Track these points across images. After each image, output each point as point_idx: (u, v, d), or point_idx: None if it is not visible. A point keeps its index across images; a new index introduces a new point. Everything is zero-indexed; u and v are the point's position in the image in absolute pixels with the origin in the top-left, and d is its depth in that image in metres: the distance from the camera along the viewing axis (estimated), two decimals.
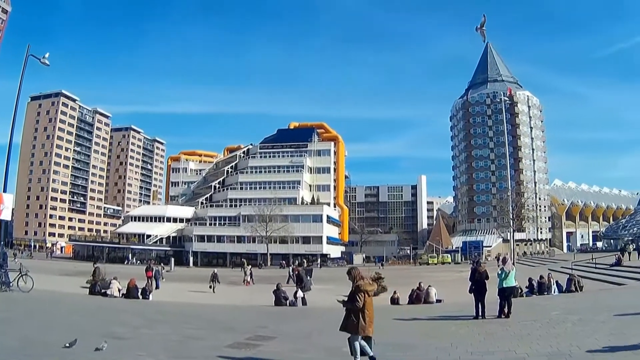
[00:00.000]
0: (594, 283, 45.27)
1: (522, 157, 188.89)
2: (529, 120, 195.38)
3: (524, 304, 29.53)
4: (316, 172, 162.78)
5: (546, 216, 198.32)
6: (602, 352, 14.55)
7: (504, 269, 23.71)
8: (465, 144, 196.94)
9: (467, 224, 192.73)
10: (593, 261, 64.71)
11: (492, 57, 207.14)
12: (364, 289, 14.47)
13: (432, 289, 36.37)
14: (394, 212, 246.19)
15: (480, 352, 15.65)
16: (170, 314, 28.41)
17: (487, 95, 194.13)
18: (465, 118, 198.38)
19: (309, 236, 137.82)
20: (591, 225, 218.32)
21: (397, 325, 24.28)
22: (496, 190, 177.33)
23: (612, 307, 26.13)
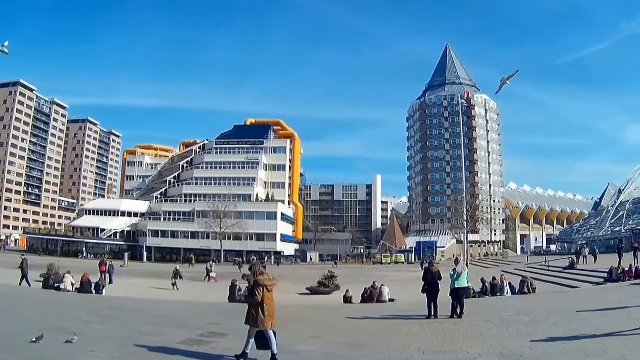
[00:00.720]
0: (547, 285, 45.96)
1: (478, 160, 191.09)
2: (485, 123, 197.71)
3: (476, 305, 29.72)
4: (271, 169, 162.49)
5: (500, 218, 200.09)
6: (554, 353, 14.74)
7: (455, 269, 23.94)
8: (421, 145, 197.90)
9: (421, 224, 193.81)
10: (546, 264, 65.46)
11: (451, 60, 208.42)
12: (262, 284, 14.50)
13: (384, 288, 36.45)
14: (348, 211, 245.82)
15: (433, 352, 15.64)
16: (123, 310, 27.91)
17: (444, 97, 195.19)
18: (421, 119, 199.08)
19: (263, 233, 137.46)
20: (545, 228, 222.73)
21: (349, 323, 24.31)
22: (451, 192, 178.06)
23: (564, 309, 26.66)
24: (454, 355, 15.03)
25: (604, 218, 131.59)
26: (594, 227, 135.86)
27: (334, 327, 23.02)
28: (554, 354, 14.64)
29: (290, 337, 18.76)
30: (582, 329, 18.97)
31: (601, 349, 14.93)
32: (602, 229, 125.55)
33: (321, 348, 16.85)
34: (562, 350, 15.12)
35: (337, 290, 44.94)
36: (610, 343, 15.67)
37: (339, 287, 45.52)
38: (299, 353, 15.93)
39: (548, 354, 14.69)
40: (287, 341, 17.42)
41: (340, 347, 16.87)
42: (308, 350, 16.45)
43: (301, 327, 22.93)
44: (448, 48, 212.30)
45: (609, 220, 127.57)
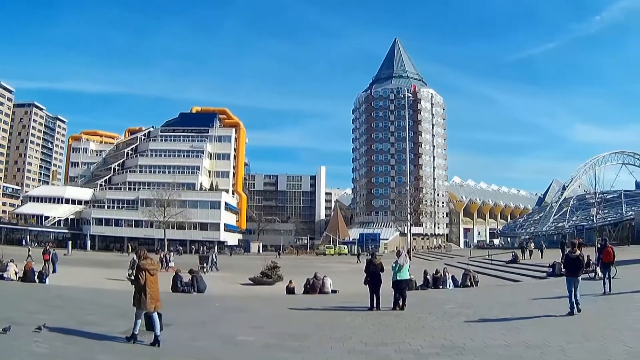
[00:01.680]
0: (490, 279, 46.67)
1: (423, 153, 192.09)
2: (431, 117, 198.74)
3: (418, 297, 29.82)
4: (216, 158, 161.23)
5: (444, 212, 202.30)
6: (496, 346, 14.88)
7: (398, 261, 23.87)
8: (366, 138, 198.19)
9: (364, 216, 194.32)
10: (490, 258, 66.28)
11: (399, 54, 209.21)
12: (144, 268, 14.97)
13: (327, 279, 36.51)
14: (293, 201, 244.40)
15: (375, 343, 15.70)
16: (69, 299, 27.24)
17: (391, 90, 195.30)
18: (367, 112, 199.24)
19: (207, 223, 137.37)
20: (489, 222, 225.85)
21: (292, 314, 24.33)
22: (395, 184, 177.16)
23: (506, 302, 27.12)
24: (396, 347, 15.04)
25: (548, 214, 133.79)
26: (537, 223, 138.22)
27: (277, 318, 22.96)
28: (495, 346, 14.81)
29: (232, 327, 19.06)
30: (523, 322, 19.39)
31: (542, 341, 15.16)
32: (545, 225, 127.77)
33: (263, 339, 16.80)
34: (504, 343, 15.28)
35: (280, 281, 45.05)
36: (551, 336, 15.91)
37: (282, 278, 45.68)
38: (240, 344, 15.93)
39: (490, 346, 14.86)
40: (229, 332, 17.80)
41: (282, 338, 16.83)
42: (250, 341, 16.42)
43: (244, 317, 22.93)
44: (397, 42, 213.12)
45: (553, 216, 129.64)
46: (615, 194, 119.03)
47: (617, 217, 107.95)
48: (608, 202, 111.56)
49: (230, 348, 15.25)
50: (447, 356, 13.74)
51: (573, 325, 18.05)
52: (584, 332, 16.55)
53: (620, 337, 15.35)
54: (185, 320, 20.73)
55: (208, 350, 14.81)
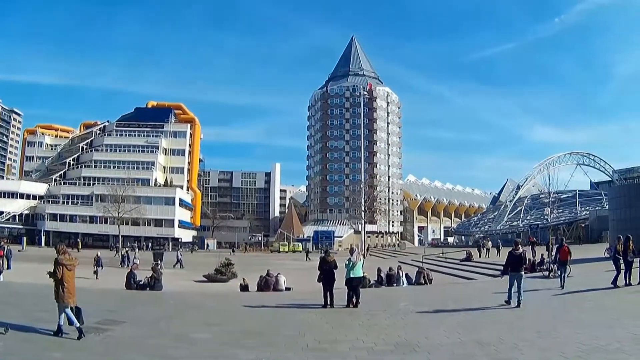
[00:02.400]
0: (444, 277, 47.14)
1: (377, 151, 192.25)
2: (386, 115, 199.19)
3: (372, 295, 29.93)
4: (171, 154, 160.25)
5: (398, 210, 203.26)
6: (450, 343, 14.93)
7: (351, 259, 23.91)
8: (322, 135, 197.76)
9: (319, 213, 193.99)
10: (444, 256, 66.76)
11: (356, 51, 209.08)
12: (62, 263, 15.17)
13: (281, 276, 36.45)
14: (247, 198, 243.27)
15: (328, 341, 15.73)
16: (22, 296, 26.82)
17: (347, 88, 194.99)
18: (323, 109, 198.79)
19: (161, 219, 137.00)
20: (443, 221, 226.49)
21: (246, 312, 24.15)
22: (349, 182, 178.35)
23: (460, 299, 27.14)
24: (349, 344, 15.01)
25: (502, 213, 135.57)
26: (492, 221, 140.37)
27: (231, 315, 22.84)
28: (449, 343, 14.86)
29: (187, 325, 18.81)
30: (477, 320, 19.67)
31: (496, 338, 15.31)
32: (500, 223, 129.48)
33: (218, 336, 16.70)
34: (459, 340, 15.35)
35: (234, 278, 45.16)
36: (505, 333, 16.12)
37: (236, 275, 45.82)
38: (195, 341, 15.71)
39: (444, 343, 14.90)
40: (184, 329, 17.62)
41: (236, 336, 16.75)
42: (205, 339, 16.22)
43: (198, 315, 22.62)
44: (354, 39, 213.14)
45: (507, 215, 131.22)
46: (569, 193, 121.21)
47: (572, 216, 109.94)
48: (562, 201, 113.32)
49: (184, 346, 15.06)
50: (401, 354, 13.75)
51: (527, 323, 18.27)
52: (537, 330, 16.66)
53: (574, 334, 15.58)
54: (140, 317, 20.58)
55: (161, 348, 14.60)
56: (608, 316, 18.95)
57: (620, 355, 12.75)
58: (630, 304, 22.15)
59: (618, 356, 12.71)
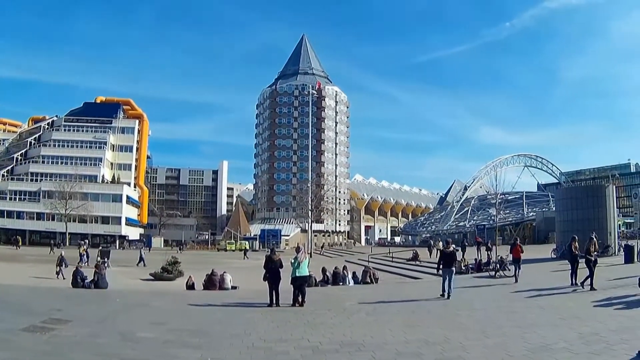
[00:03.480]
0: (391, 276, 47.39)
1: (325, 150, 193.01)
2: (335, 115, 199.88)
3: (318, 294, 30.09)
4: (119, 150, 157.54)
5: (345, 209, 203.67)
6: (395, 342, 14.98)
7: (297, 258, 23.96)
8: (269, 133, 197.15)
9: (266, 212, 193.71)
10: (390, 255, 67.57)
11: (306, 50, 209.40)
12: None
13: (227, 275, 36.48)
14: (194, 196, 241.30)
15: (274, 340, 15.68)
16: None
17: (295, 86, 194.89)
18: (271, 107, 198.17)
19: (108, 216, 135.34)
20: (390, 220, 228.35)
21: (192, 310, 24.18)
22: (297, 181, 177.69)
23: (406, 299, 27.40)
24: (295, 343, 15.02)
25: (449, 213, 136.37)
26: (438, 221, 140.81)
27: (177, 314, 22.64)
28: (395, 342, 14.91)
29: (132, 323, 18.69)
30: (423, 319, 19.86)
31: (442, 337, 15.40)
32: (446, 224, 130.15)
33: (163, 335, 16.48)
34: (404, 339, 15.41)
35: (180, 276, 44.87)
36: (451, 332, 16.17)
37: (182, 274, 45.56)
38: (140, 340, 15.56)
39: (389, 342, 14.94)
40: (129, 328, 17.49)
41: (182, 335, 16.65)
42: (150, 338, 16.07)
43: (144, 313, 22.56)
44: (304, 38, 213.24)
45: (454, 215, 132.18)
46: (517, 195, 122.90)
47: (519, 217, 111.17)
48: (510, 202, 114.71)
49: (130, 345, 14.89)
50: (347, 353, 13.76)
51: (473, 322, 18.46)
52: (483, 329, 16.85)
53: (520, 333, 15.72)
54: (86, 316, 20.32)
55: (108, 347, 14.36)
56: (555, 315, 19.16)
57: (566, 354, 12.91)
58: (577, 303, 22.32)
59: (564, 354, 12.86)
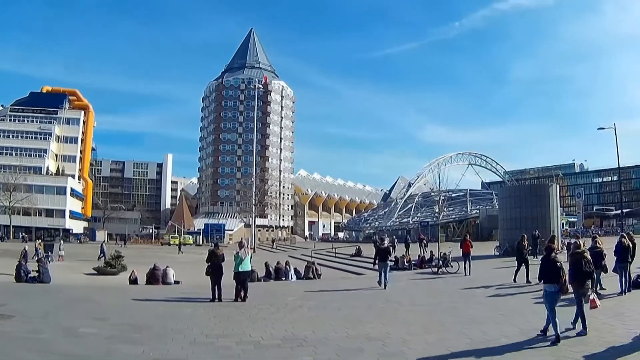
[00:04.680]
0: (334, 272, 47.41)
1: (270, 145, 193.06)
2: (280, 109, 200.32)
3: (260, 289, 30.02)
4: (64, 142, 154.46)
5: (289, 204, 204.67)
6: (337, 338, 15.09)
7: (239, 253, 23.98)
8: (215, 127, 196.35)
9: (210, 206, 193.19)
10: (334, 250, 67.65)
11: (254, 44, 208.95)
12: None
13: (170, 269, 36.22)
14: (139, 189, 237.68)
15: (216, 335, 15.64)
16: None
17: (242, 80, 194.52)
18: (217, 101, 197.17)
19: (53, 209, 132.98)
20: (334, 216, 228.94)
21: (135, 305, 23.87)
22: (241, 175, 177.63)
23: (348, 294, 27.96)
24: (237, 338, 15.03)
25: (393, 209, 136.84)
26: (382, 218, 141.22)
27: (120, 309, 22.31)
28: (337, 338, 15.04)
29: (75, 319, 18.37)
30: (365, 314, 19.91)
31: (384, 333, 15.52)
32: (390, 220, 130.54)
33: (106, 331, 16.19)
34: (346, 334, 15.54)
35: (124, 271, 44.18)
36: (393, 328, 16.32)
37: (125, 268, 44.84)
38: (83, 336, 15.26)
39: (331, 338, 15.05)
40: (71, 323, 17.18)
41: (124, 330, 16.47)
42: (92, 333, 15.75)
43: (87, 308, 22.04)
44: (252, 32, 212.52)
45: (398, 211, 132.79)
46: (460, 192, 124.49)
47: (462, 214, 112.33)
48: (453, 200, 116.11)
49: (73, 340, 14.64)
50: (288, 348, 13.82)
51: (415, 318, 18.69)
52: (425, 325, 17.07)
53: (462, 329, 15.93)
54: (29, 311, 19.98)
55: (51, 343, 14.11)
56: (497, 312, 19.59)
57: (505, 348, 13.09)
58: (518, 299, 22.74)
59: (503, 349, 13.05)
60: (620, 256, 22.10)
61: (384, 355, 12.81)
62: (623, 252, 22.08)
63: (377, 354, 12.97)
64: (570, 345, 13.14)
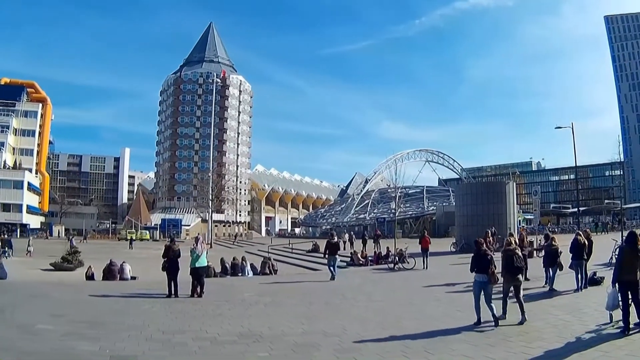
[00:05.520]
0: (290, 267, 47.65)
1: (227, 140, 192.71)
2: (238, 104, 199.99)
3: (217, 284, 30.02)
4: (21, 135, 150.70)
5: (246, 200, 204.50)
6: (293, 334, 15.13)
7: (196, 248, 23.91)
8: (172, 121, 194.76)
9: (167, 201, 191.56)
10: (290, 246, 67.83)
11: (213, 38, 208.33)
12: None
13: (126, 265, 35.99)
14: (96, 183, 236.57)
15: (172, 331, 15.57)
16: None
17: (200, 74, 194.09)
18: (175, 95, 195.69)
19: (9, 203, 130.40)
20: (291, 212, 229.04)
21: (91, 301, 23.37)
22: (198, 170, 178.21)
23: (304, 290, 27.96)
24: (193, 335, 15.02)
25: (350, 205, 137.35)
26: (339, 214, 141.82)
27: (76, 305, 21.98)
28: (293, 334, 15.06)
29: (31, 315, 18.14)
30: (321, 310, 20.15)
31: (341, 329, 15.60)
32: (347, 216, 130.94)
33: (62, 327, 16.00)
34: (302, 330, 15.61)
35: (81, 266, 43.62)
36: (348, 324, 16.38)
37: (82, 264, 44.16)
38: (39, 332, 15.10)
39: (287, 334, 15.07)
40: (27, 320, 16.99)
41: (80, 327, 16.18)
42: (48, 330, 15.59)
43: (43, 305, 21.82)
44: (212, 26, 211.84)
45: (354, 207, 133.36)
46: (417, 189, 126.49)
47: (419, 211, 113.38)
48: (410, 196, 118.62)
49: (29, 337, 14.44)
50: (244, 344, 13.79)
51: (372, 314, 18.70)
52: (381, 321, 17.11)
53: (418, 326, 16.06)
54: None
55: (5, 340, 13.90)
56: (453, 308, 19.61)
57: (463, 345, 13.24)
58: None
59: (461, 346, 13.18)
60: (576, 253, 22.38)
61: (340, 351, 12.86)
62: (578, 250, 22.36)
63: (334, 349, 13.03)
64: (526, 341, 13.32)
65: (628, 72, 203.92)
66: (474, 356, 12.22)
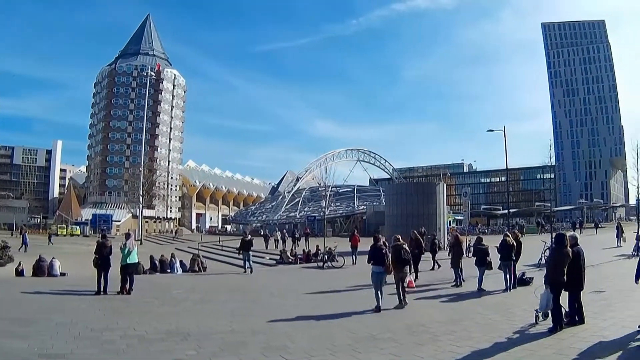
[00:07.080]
0: (220, 265, 47.95)
1: (159, 135, 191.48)
2: (172, 98, 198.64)
3: (146, 281, 29.80)
4: None
5: (177, 196, 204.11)
6: (221, 331, 15.19)
7: (126, 244, 23.78)
8: (105, 114, 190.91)
9: (98, 196, 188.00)
10: (220, 244, 67.46)
11: (149, 31, 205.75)
12: None
13: (56, 261, 35.22)
14: (27, 176, 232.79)
15: (101, 329, 15.38)
16: None
17: (135, 67, 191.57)
18: (109, 87, 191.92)
19: None
20: (221, 208, 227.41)
21: (19, 298, 23.07)
22: (129, 165, 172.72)
23: (233, 288, 27.94)
24: (121, 332, 14.90)
25: (280, 203, 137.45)
26: (269, 211, 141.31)
27: (4, 302, 21.67)
28: (221, 332, 15.12)
29: None
30: (249, 308, 20.22)
31: (268, 327, 15.79)
32: (277, 213, 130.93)
33: None
34: (230, 328, 15.70)
35: (10, 262, 42.18)
36: (278, 322, 16.54)
37: (12, 259, 42.93)
38: None
39: (216, 331, 15.14)
40: None
41: (6, 325, 15.91)
42: None
43: None
44: (149, 18, 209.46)
45: (285, 205, 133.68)
46: (348, 188, 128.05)
47: (349, 210, 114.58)
48: (341, 195, 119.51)
49: None
50: (172, 342, 13.80)
51: (300, 312, 18.83)
52: (309, 319, 17.40)
53: (346, 324, 16.30)
54: None
55: None
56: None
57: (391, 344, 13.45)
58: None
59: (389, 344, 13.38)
60: (504, 254, 22.83)
61: (268, 349, 12.97)
62: (507, 250, 22.82)
63: (261, 347, 13.14)
64: (454, 340, 13.57)
65: (562, 79, 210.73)
66: (402, 355, 12.39)
